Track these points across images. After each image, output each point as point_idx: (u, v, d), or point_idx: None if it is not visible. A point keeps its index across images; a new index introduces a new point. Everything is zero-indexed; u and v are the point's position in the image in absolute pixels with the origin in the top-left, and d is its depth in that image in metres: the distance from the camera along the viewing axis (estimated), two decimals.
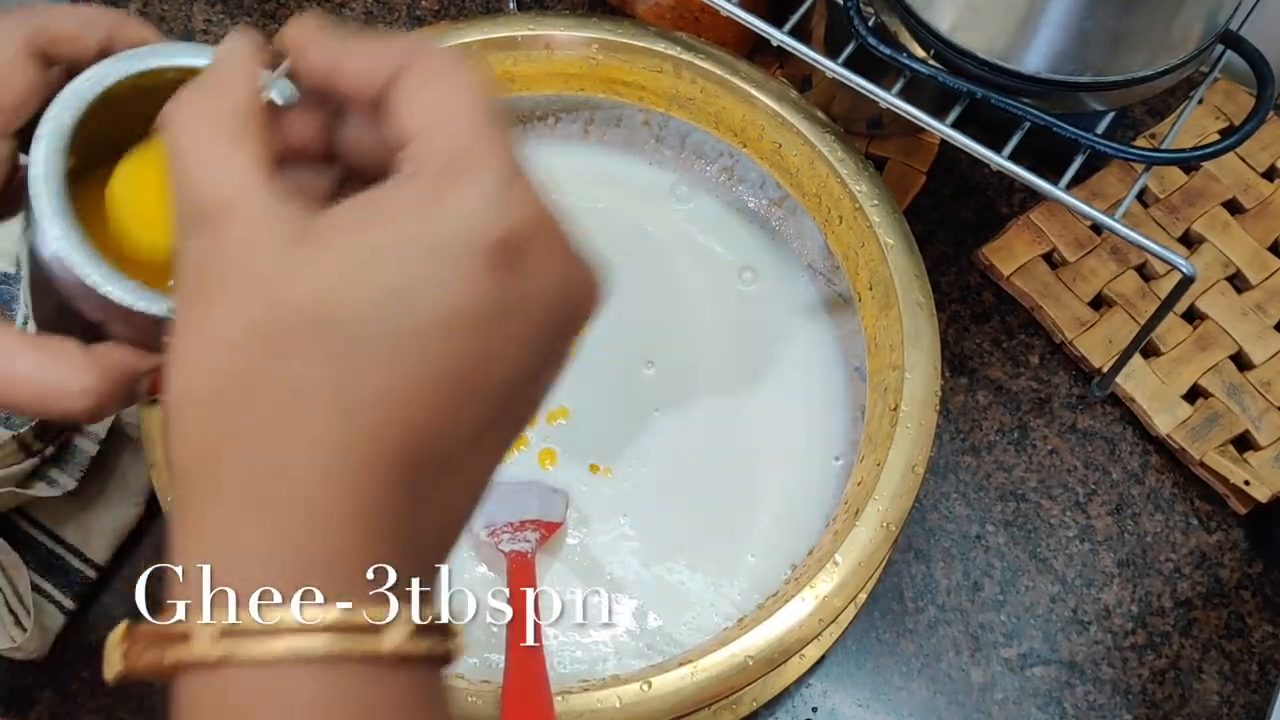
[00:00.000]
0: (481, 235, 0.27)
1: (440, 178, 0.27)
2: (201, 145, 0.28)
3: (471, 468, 0.28)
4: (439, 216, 0.27)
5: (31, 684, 0.62)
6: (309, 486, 0.25)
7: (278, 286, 0.26)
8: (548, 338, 0.29)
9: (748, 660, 0.51)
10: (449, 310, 0.26)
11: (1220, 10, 0.56)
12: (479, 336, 0.27)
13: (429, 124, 0.28)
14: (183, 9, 0.83)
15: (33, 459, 0.62)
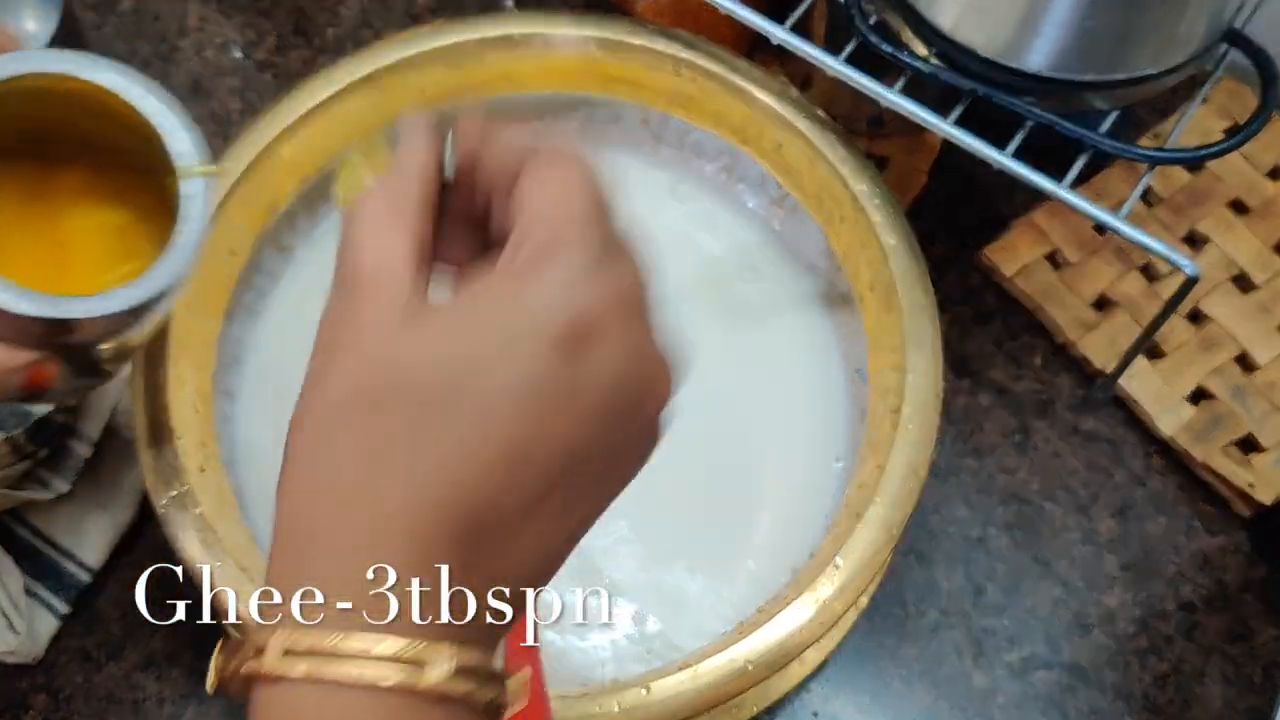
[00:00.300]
0: (552, 317, 0.29)
1: (529, 263, 0.30)
2: (372, 221, 0.32)
3: (531, 532, 0.30)
4: (518, 297, 0.30)
5: (25, 688, 0.62)
6: (373, 531, 0.29)
7: (384, 354, 0.30)
8: (611, 417, 0.31)
9: (748, 665, 0.51)
10: (510, 384, 0.29)
11: (1225, 9, 0.56)
12: (536, 409, 0.29)
13: (532, 213, 0.31)
14: (177, 7, 0.83)
15: (25, 461, 0.62)
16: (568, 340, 0.29)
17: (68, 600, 0.63)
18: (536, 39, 0.66)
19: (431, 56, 0.65)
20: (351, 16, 0.83)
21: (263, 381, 0.63)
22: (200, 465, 0.55)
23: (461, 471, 0.29)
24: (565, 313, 0.29)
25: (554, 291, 0.30)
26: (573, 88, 0.68)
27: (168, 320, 0.57)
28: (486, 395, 0.29)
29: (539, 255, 0.30)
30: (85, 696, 0.62)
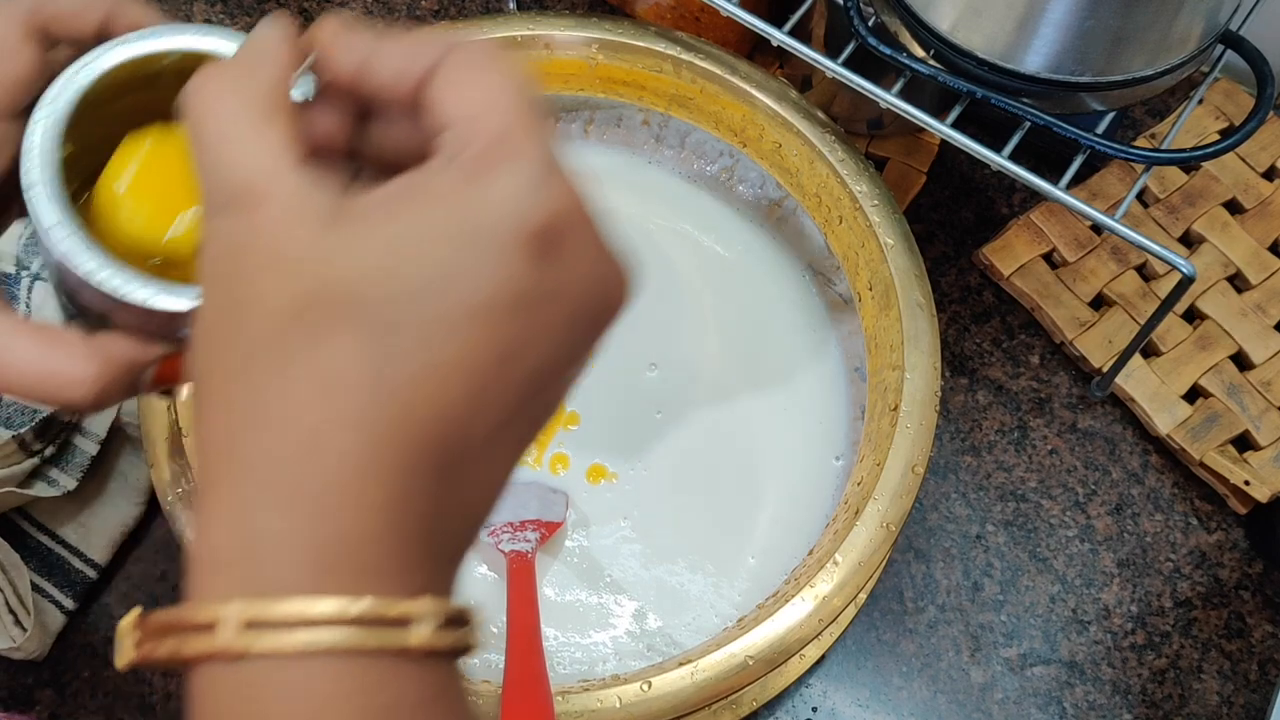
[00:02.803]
0: (521, 222, 0.26)
1: (480, 162, 0.27)
2: (231, 124, 0.28)
3: (493, 458, 0.28)
4: (479, 201, 0.27)
5: (32, 684, 0.62)
6: (340, 470, 0.25)
7: (314, 268, 0.26)
8: (578, 330, 0.28)
9: (748, 660, 0.51)
10: (486, 297, 0.26)
11: (1220, 10, 0.56)
12: (513, 324, 0.26)
13: (469, 111, 0.28)
14: (182, 8, 0.83)
15: (33, 459, 0.62)
16: (538, 246, 0.27)
17: (74, 597, 0.63)
18: (538, 41, 0.66)
19: None
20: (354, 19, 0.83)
21: None
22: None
23: (431, 397, 0.26)
24: (533, 217, 0.27)
25: (517, 193, 0.27)
26: (574, 89, 0.68)
27: None
28: (452, 308, 0.26)
29: (491, 154, 0.27)
30: (92, 692, 0.62)
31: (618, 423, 0.63)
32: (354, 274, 0.26)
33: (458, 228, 0.26)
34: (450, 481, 0.26)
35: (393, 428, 0.25)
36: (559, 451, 0.63)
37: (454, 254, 0.26)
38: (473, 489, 0.27)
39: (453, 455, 0.26)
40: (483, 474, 0.27)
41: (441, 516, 0.27)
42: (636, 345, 0.65)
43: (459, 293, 0.26)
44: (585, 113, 0.70)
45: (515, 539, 0.58)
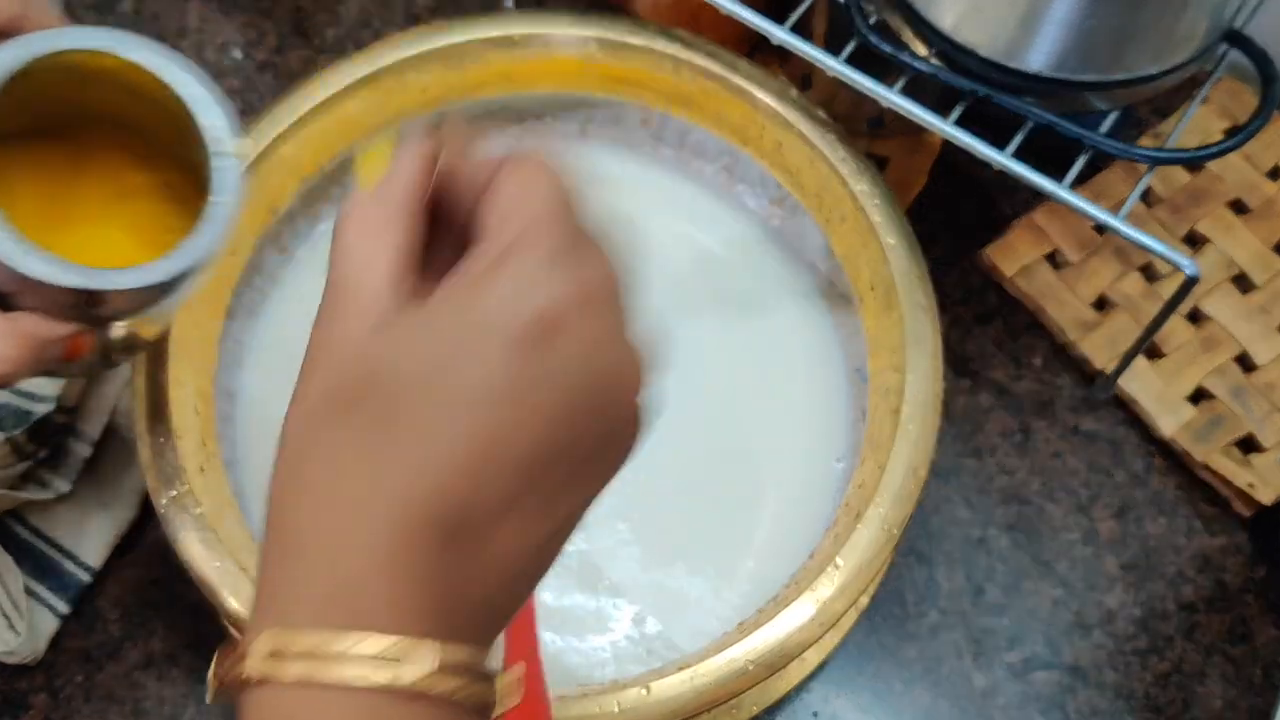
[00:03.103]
0: (513, 316, 0.30)
1: (490, 264, 0.31)
2: (358, 229, 0.33)
3: (510, 529, 0.30)
4: (480, 298, 0.30)
5: (25, 688, 0.62)
6: (352, 534, 0.29)
7: (353, 356, 0.31)
8: (578, 411, 0.31)
9: (748, 664, 0.51)
10: (475, 383, 0.29)
11: (1225, 9, 0.56)
12: (501, 409, 0.29)
13: (497, 216, 0.32)
14: (176, 6, 0.83)
15: (25, 461, 0.62)
16: (528, 337, 0.29)
17: (68, 600, 0.63)
18: (537, 39, 0.66)
19: (431, 57, 0.65)
20: (351, 17, 0.83)
21: (263, 382, 0.63)
22: (201, 465, 0.55)
23: (431, 470, 0.29)
24: (523, 310, 0.30)
25: (512, 290, 0.30)
26: (573, 88, 0.68)
27: (169, 320, 0.57)
28: (451, 394, 0.29)
29: (500, 255, 0.31)
30: (85, 696, 0.62)
31: None
32: (379, 363, 0.30)
33: (459, 325, 0.30)
34: (459, 549, 0.30)
35: (389, 503, 0.29)
36: None
37: (451, 349, 0.30)
38: (491, 556, 0.30)
39: (455, 526, 0.29)
40: (499, 544, 0.30)
41: (454, 578, 0.30)
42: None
43: (451, 381, 0.29)
44: (584, 112, 0.70)
45: None
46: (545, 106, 0.70)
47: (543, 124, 0.70)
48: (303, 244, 0.67)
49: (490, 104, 0.69)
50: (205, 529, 0.53)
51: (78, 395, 0.65)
